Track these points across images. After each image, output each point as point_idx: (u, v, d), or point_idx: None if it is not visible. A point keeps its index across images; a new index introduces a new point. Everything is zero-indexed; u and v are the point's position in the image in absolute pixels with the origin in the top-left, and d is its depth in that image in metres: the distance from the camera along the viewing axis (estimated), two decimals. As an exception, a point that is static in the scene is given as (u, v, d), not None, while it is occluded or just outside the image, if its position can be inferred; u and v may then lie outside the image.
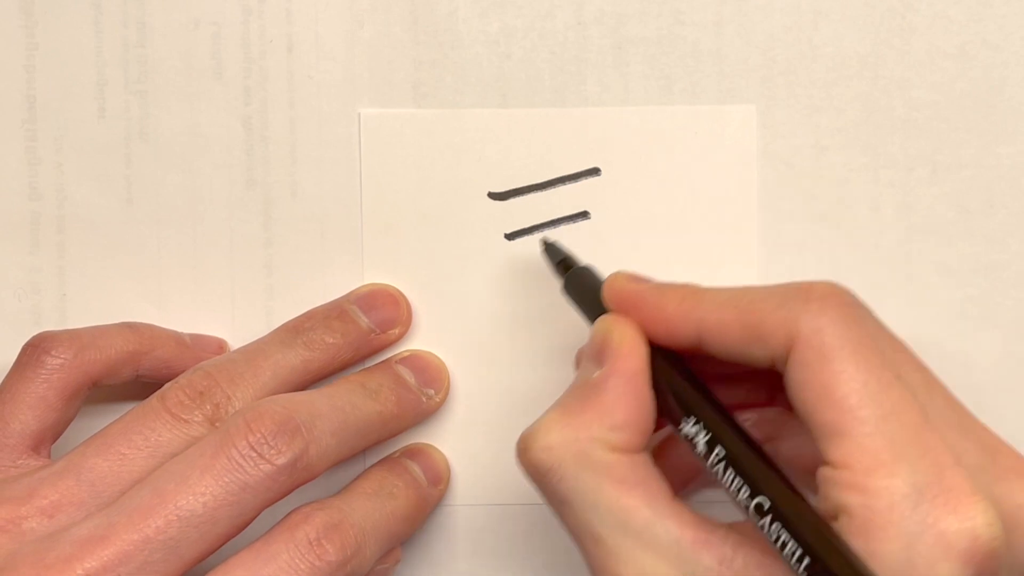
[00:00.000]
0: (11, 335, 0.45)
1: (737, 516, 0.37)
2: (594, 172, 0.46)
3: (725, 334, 0.37)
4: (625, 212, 0.46)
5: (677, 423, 0.38)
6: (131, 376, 0.44)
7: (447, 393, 0.46)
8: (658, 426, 0.39)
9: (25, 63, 0.46)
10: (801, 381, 0.35)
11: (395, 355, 0.46)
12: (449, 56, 0.46)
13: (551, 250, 0.44)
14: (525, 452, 0.38)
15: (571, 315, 0.43)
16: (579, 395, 0.38)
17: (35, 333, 0.43)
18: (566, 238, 0.46)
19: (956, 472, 0.34)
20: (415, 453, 0.45)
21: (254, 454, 0.38)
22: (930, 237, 0.45)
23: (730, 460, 0.36)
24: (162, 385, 0.42)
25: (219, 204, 0.46)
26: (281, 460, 0.38)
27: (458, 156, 0.46)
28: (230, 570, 0.38)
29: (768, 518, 0.35)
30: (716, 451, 0.36)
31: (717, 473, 0.36)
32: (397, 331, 0.45)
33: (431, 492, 0.45)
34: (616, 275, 0.40)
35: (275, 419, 0.39)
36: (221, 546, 0.38)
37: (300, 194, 0.46)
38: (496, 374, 0.46)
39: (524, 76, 0.46)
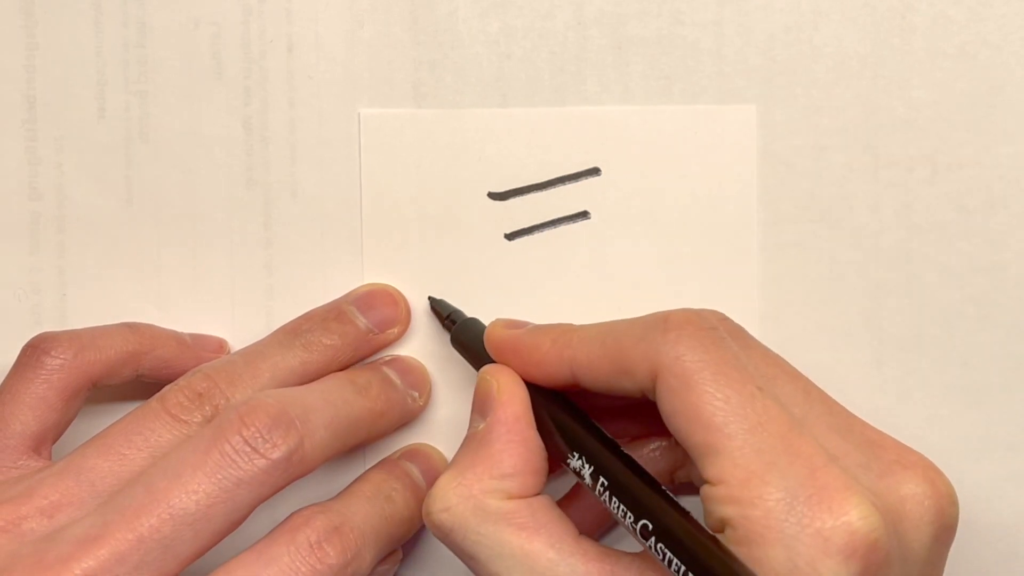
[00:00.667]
0: (11, 335, 0.45)
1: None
2: (594, 172, 0.46)
3: (595, 370, 0.39)
4: (625, 212, 0.46)
5: (563, 459, 0.39)
6: (131, 376, 0.44)
7: (429, 397, 0.46)
8: (553, 467, 0.40)
9: (25, 63, 0.46)
10: (670, 408, 0.37)
11: (379, 358, 0.46)
12: (449, 56, 0.46)
13: (437, 305, 0.45)
14: (427, 516, 0.39)
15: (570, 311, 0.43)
16: (468, 450, 0.40)
17: (35, 333, 0.43)
18: (566, 238, 0.46)
19: (827, 471, 0.35)
20: (414, 454, 0.45)
21: (248, 448, 0.38)
22: (930, 237, 0.45)
23: (613, 488, 0.37)
24: (163, 385, 0.42)
25: (219, 204, 0.46)
26: (276, 454, 0.38)
27: (458, 156, 0.46)
28: (231, 571, 0.38)
29: (653, 538, 0.36)
30: (600, 481, 0.38)
31: (604, 501, 0.38)
32: (396, 331, 0.45)
33: (430, 494, 0.45)
34: (494, 324, 0.42)
35: (269, 413, 0.39)
36: (217, 543, 0.38)
37: (300, 194, 0.46)
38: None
39: (524, 76, 0.46)
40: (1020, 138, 0.45)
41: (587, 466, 0.38)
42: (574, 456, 0.39)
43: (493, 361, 0.42)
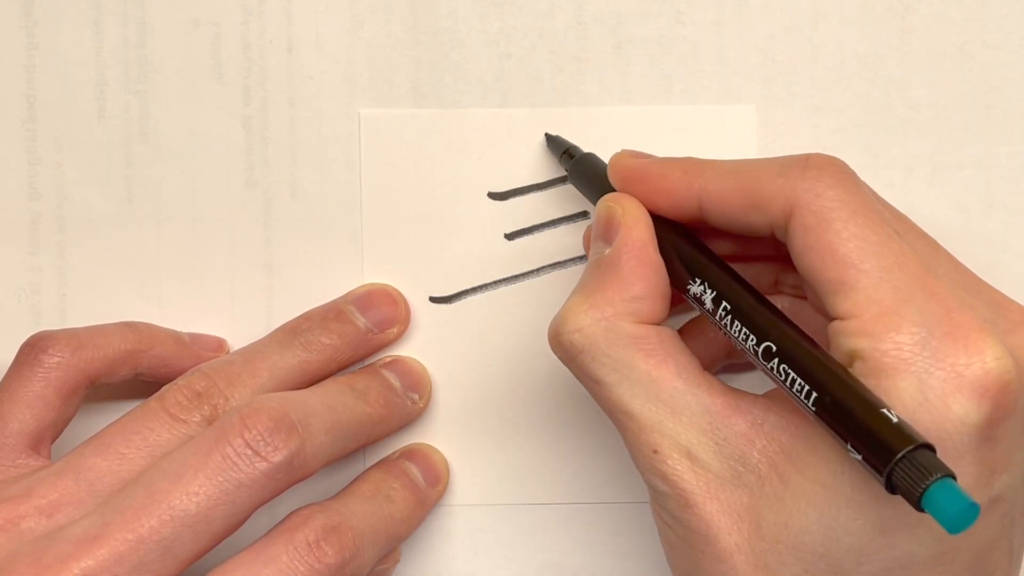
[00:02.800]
0: (11, 335, 0.45)
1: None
2: (594, 172, 0.46)
3: (726, 203, 0.38)
4: (625, 212, 0.46)
5: (684, 287, 0.39)
6: (130, 375, 0.44)
7: (429, 399, 0.46)
8: (675, 300, 0.39)
9: (25, 63, 0.46)
10: (804, 245, 0.36)
11: (379, 360, 0.46)
12: (449, 56, 0.46)
13: (553, 141, 0.45)
14: (556, 337, 0.39)
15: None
16: (596, 274, 0.39)
17: (34, 332, 0.43)
18: (566, 238, 0.46)
19: (962, 312, 0.35)
20: (413, 454, 0.45)
21: (249, 451, 0.38)
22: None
23: (735, 313, 0.37)
24: (161, 384, 0.42)
25: (219, 204, 0.46)
26: (277, 457, 0.38)
27: (458, 156, 0.46)
28: (229, 571, 0.38)
29: (776, 360, 0.36)
30: (722, 306, 0.37)
31: (726, 327, 0.37)
32: (396, 330, 0.45)
33: (429, 493, 0.45)
34: (620, 153, 0.41)
35: (271, 416, 0.39)
36: (216, 545, 0.38)
37: (300, 194, 0.46)
38: (496, 373, 0.46)
39: (524, 76, 0.46)
40: (1020, 138, 0.45)
41: (709, 291, 0.38)
42: (695, 282, 0.38)
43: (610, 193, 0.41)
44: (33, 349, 0.42)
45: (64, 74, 0.46)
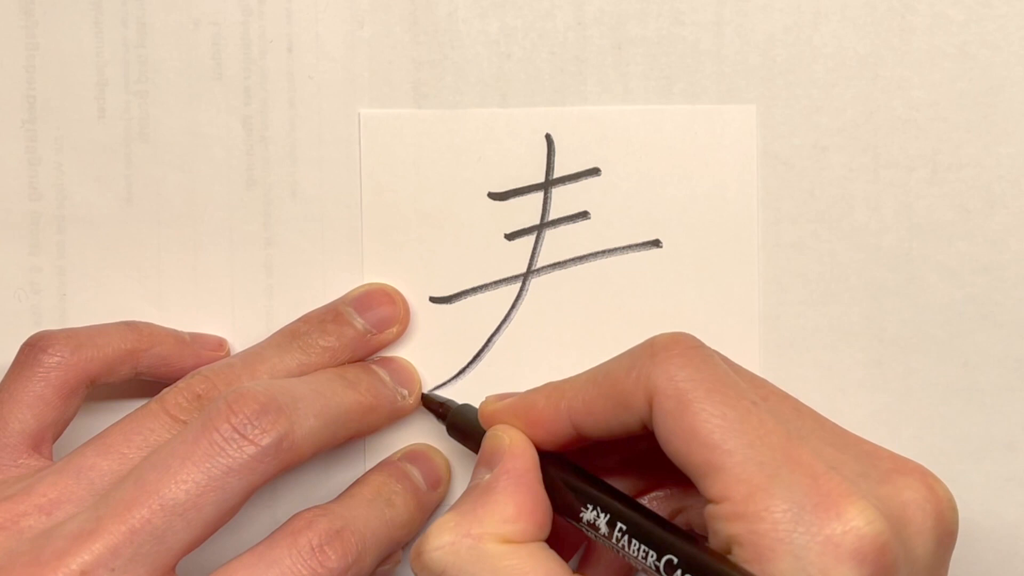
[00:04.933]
0: (11, 335, 0.45)
1: None
2: (594, 172, 0.46)
3: (592, 412, 0.39)
4: (625, 212, 0.46)
5: (576, 516, 0.39)
6: (130, 374, 0.44)
7: (419, 397, 0.46)
8: (574, 542, 0.41)
9: (25, 63, 0.46)
10: (667, 431, 0.37)
11: (370, 359, 0.46)
12: (449, 56, 0.46)
13: (427, 401, 0.45)
14: (418, 557, 0.38)
15: (570, 311, 0.43)
16: (470, 497, 0.39)
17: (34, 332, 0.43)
18: (566, 238, 0.46)
19: (829, 478, 0.35)
20: (415, 456, 0.45)
21: (237, 436, 0.38)
22: (930, 237, 0.45)
23: (632, 531, 0.37)
24: (162, 383, 0.42)
25: (219, 204, 0.46)
26: (265, 440, 0.38)
27: (458, 156, 0.46)
28: (232, 573, 0.38)
29: (678, 571, 0.36)
30: (618, 527, 0.38)
31: (623, 547, 0.37)
32: (395, 330, 0.45)
33: (430, 496, 0.45)
34: (485, 401, 0.42)
35: (258, 400, 0.39)
36: (211, 533, 0.38)
37: (300, 194, 0.46)
38: (496, 372, 0.46)
39: (524, 76, 0.46)
40: (1020, 138, 0.45)
41: (603, 515, 0.38)
42: (588, 508, 0.39)
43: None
44: (33, 349, 0.42)
45: (64, 74, 0.46)
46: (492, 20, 0.46)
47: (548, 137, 0.46)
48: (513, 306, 0.46)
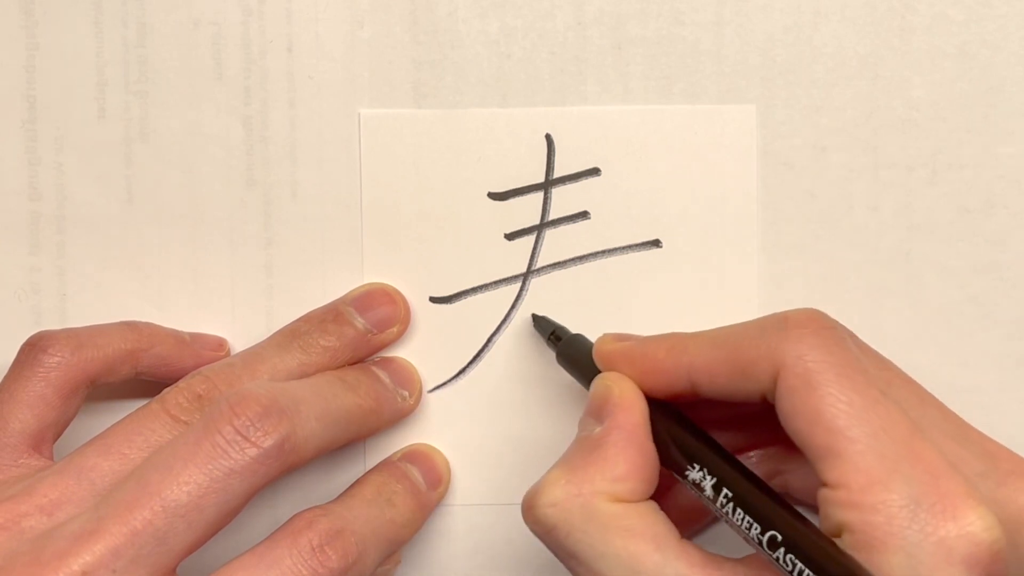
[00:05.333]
0: (11, 335, 0.45)
1: (742, 551, 0.37)
2: (594, 172, 0.46)
3: (714, 374, 0.38)
4: (625, 212, 0.46)
5: (681, 472, 0.39)
6: (130, 374, 0.44)
7: (420, 398, 0.46)
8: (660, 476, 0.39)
9: (25, 63, 0.46)
10: (791, 409, 0.36)
11: (369, 360, 0.46)
12: (449, 56, 0.46)
13: (540, 323, 0.45)
14: (530, 510, 0.38)
15: (570, 311, 0.43)
16: (581, 451, 0.39)
17: (34, 332, 0.43)
18: (566, 238, 0.46)
19: (951, 478, 0.35)
20: (415, 455, 0.45)
21: (239, 438, 0.38)
22: (930, 237, 0.45)
23: (738, 500, 0.37)
24: (162, 383, 0.42)
25: (219, 204, 0.46)
26: (268, 442, 0.38)
27: (458, 156, 0.46)
28: (232, 572, 0.38)
29: (782, 550, 0.35)
30: (723, 493, 0.37)
31: (727, 514, 0.37)
32: (395, 330, 0.45)
33: (430, 496, 0.45)
34: (603, 338, 0.41)
35: (260, 402, 0.39)
36: (212, 535, 0.38)
37: (300, 194, 0.46)
38: (496, 372, 0.46)
39: (524, 76, 0.46)
40: (1020, 138, 0.45)
41: (709, 478, 0.38)
42: (694, 468, 0.38)
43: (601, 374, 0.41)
44: (33, 349, 0.42)
45: (64, 74, 0.46)
46: (492, 20, 0.46)
47: (548, 137, 0.46)
48: (513, 306, 0.46)
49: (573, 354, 0.43)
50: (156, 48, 0.46)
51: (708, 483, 0.38)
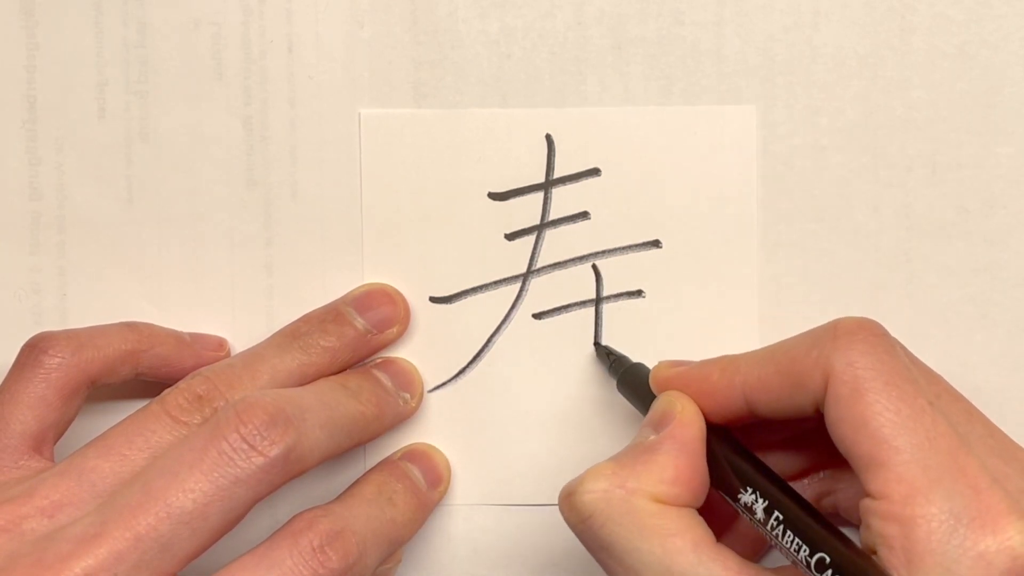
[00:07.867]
0: (11, 335, 0.45)
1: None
2: (594, 172, 0.46)
3: (768, 390, 0.38)
4: (625, 212, 0.46)
5: (734, 495, 0.39)
6: (130, 375, 0.44)
7: (421, 398, 0.46)
8: (709, 499, 0.40)
9: (25, 63, 0.46)
10: (837, 416, 0.36)
11: (370, 361, 0.46)
12: (449, 56, 0.46)
13: (603, 351, 0.45)
14: (569, 496, 0.38)
15: (570, 311, 0.43)
16: (632, 452, 0.39)
17: (35, 333, 0.43)
18: (566, 238, 0.46)
19: (992, 493, 0.35)
20: (415, 455, 0.45)
21: (246, 446, 0.38)
22: (930, 237, 0.45)
23: (788, 523, 0.37)
24: (162, 384, 0.42)
25: (219, 204, 0.46)
26: (274, 452, 0.38)
27: (458, 156, 0.46)
28: (232, 573, 0.38)
29: (829, 572, 0.36)
30: (775, 515, 0.37)
31: (776, 536, 0.37)
32: (395, 330, 0.45)
33: (430, 495, 0.45)
34: (659, 365, 0.42)
35: (267, 411, 0.39)
36: (215, 541, 0.38)
37: (300, 194, 0.46)
38: (496, 372, 0.46)
39: (524, 76, 0.46)
40: (1020, 138, 0.45)
41: (761, 500, 0.38)
42: (747, 491, 0.38)
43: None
44: (34, 350, 0.42)
45: (64, 74, 0.46)
46: (492, 20, 0.46)
47: (548, 137, 0.46)
48: (513, 306, 0.46)
49: (633, 381, 0.44)
50: (156, 48, 0.46)
51: (760, 505, 0.38)
